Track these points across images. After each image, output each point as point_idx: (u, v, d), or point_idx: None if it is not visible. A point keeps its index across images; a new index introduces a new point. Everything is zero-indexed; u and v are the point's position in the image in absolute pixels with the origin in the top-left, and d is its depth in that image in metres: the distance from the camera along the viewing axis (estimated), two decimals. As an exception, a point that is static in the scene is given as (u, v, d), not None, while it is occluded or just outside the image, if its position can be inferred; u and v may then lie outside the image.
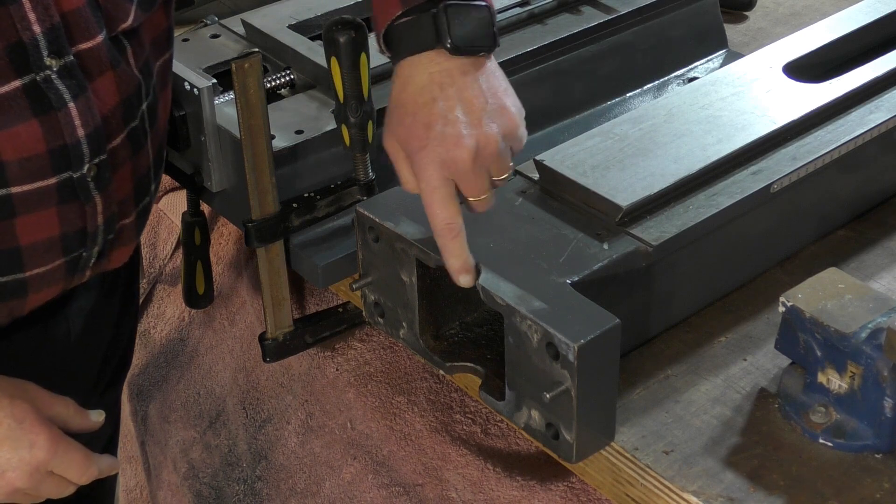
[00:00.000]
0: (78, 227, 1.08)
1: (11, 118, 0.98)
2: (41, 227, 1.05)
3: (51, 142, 1.01)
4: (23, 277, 1.07)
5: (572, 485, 1.23)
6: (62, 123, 1.01)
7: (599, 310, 1.01)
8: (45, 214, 1.04)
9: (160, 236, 1.77)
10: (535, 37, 1.45)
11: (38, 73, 0.99)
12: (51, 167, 1.02)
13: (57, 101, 1.00)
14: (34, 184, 1.01)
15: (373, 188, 1.27)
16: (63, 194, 1.04)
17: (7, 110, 0.97)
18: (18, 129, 0.98)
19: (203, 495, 1.68)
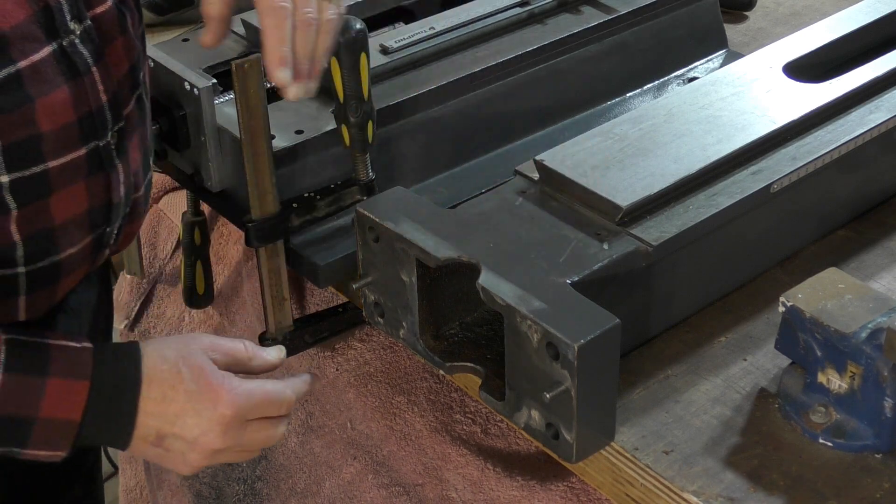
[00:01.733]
0: (103, 201, 1.08)
1: (47, 85, 0.99)
2: (73, 204, 1.05)
3: (79, 108, 1.02)
4: (57, 260, 1.07)
5: (572, 485, 1.23)
6: (88, 89, 1.02)
7: (599, 310, 1.01)
8: (76, 189, 1.05)
9: (160, 236, 1.77)
10: (535, 37, 1.45)
11: (64, 38, 1.00)
12: (80, 136, 1.03)
13: (82, 65, 1.02)
14: (67, 155, 1.02)
15: (373, 188, 1.27)
16: (91, 165, 1.05)
17: (43, 77, 0.98)
18: (54, 97, 0.99)
19: (203, 495, 1.68)
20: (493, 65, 1.40)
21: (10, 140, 0.97)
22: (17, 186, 0.99)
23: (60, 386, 0.96)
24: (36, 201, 1.02)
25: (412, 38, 1.39)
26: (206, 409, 1.02)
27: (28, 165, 0.99)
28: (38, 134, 0.99)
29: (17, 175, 0.99)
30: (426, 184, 1.37)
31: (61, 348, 0.98)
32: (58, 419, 0.97)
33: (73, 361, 0.98)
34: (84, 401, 0.97)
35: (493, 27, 1.44)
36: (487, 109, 1.41)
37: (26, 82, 0.97)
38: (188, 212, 1.51)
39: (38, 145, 0.99)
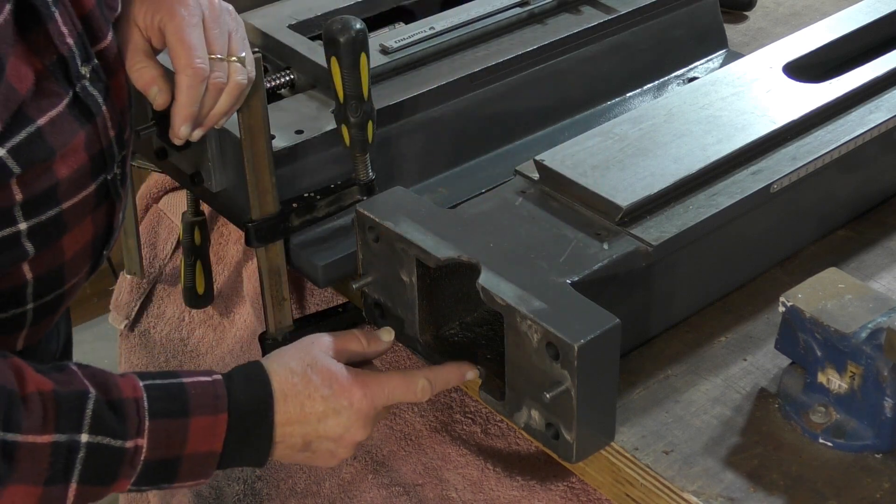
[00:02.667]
0: (105, 228, 1.10)
1: (65, 136, 0.99)
2: (81, 238, 1.07)
3: (91, 149, 1.03)
4: (61, 292, 1.09)
5: (572, 485, 1.23)
6: (100, 129, 1.03)
7: (599, 310, 1.01)
8: (85, 223, 1.06)
9: (160, 236, 1.77)
10: (535, 37, 1.45)
11: (77, 84, 1.00)
12: (90, 174, 1.04)
13: (94, 107, 1.02)
14: (79, 195, 1.03)
15: (373, 188, 1.27)
16: (99, 197, 1.06)
17: (60, 129, 0.99)
18: (72, 144, 1.00)
19: (203, 495, 1.68)
20: (493, 65, 1.40)
21: (31, 193, 0.98)
22: (35, 231, 1.00)
23: (202, 423, 0.99)
24: (51, 243, 1.03)
25: (412, 38, 1.39)
26: (344, 408, 1.05)
27: (45, 210, 1.01)
28: (56, 182, 1.00)
29: (35, 221, 1.00)
30: (426, 184, 1.37)
31: (196, 385, 1.00)
32: (201, 452, 1.00)
33: (209, 395, 1.00)
34: (224, 432, 1.00)
35: (493, 27, 1.44)
36: (487, 109, 1.41)
37: (47, 137, 0.97)
38: (188, 212, 1.51)
39: (55, 192, 1.00)
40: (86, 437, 0.93)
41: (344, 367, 1.07)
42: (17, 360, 0.94)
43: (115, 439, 0.95)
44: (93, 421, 0.94)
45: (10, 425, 0.90)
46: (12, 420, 0.90)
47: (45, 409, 0.92)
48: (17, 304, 1.05)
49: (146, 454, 0.97)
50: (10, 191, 0.96)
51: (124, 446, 0.95)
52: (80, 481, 0.94)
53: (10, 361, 0.93)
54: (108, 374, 0.98)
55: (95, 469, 0.95)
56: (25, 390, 0.92)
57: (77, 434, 0.93)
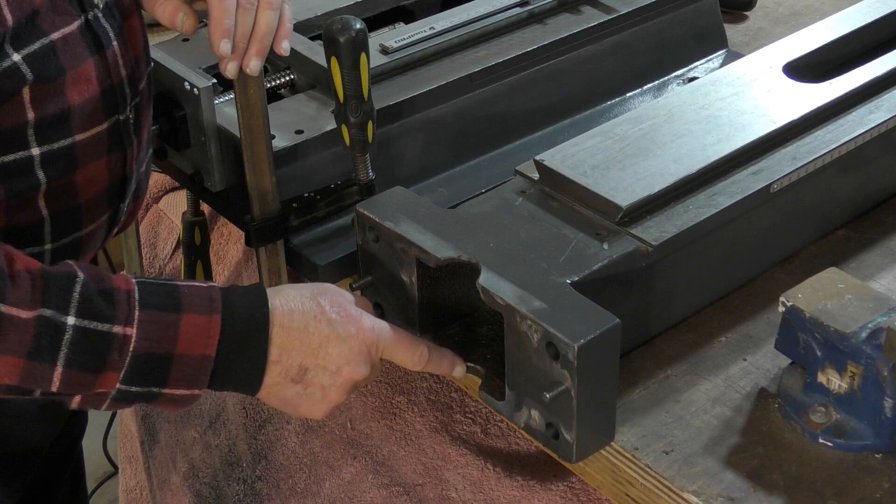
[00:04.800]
0: (119, 177, 1.12)
1: (76, 58, 1.02)
2: (95, 180, 1.08)
3: (103, 81, 1.06)
4: (80, 236, 1.10)
5: (572, 485, 1.23)
6: (110, 62, 1.06)
7: (599, 310, 1.01)
8: (98, 165, 1.08)
9: (160, 236, 1.77)
10: (535, 37, 1.45)
11: (89, 12, 1.04)
12: (103, 110, 1.06)
13: (105, 39, 1.06)
14: (92, 129, 1.05)
15: (373, 188, 1.27)
16: (112, 140, 1.08)
17: (72, 49, 1.02)
18: (82, 69, 1.03)
19: (203, 495, 1.68)
20: (493, 65, 1.40)
21: (43, 113, 1.00)
22: (47, 160, 1.03)
23: (194, 321, 0.97)
24: (63, 176, 1.05)
25: (412, 38, 1.39)
26: (349, 336, 1.03)
27: (57, 139, 1.03)
28: (68, 108, 1.02)
29: (48, 148, 1.02)
30: (426, 184, 1.37)
31: (190, 287, 0.99)
32: (194, 355, 0.97)
33: (203, 297, 0.98)
34: (217, 335, 0.98)
35: (493, 27, 1.44)
36: (487, 109, 1.41)
37: (60, 54, 1.00)
38: (188, 212, 1.51)
39: (68, 119, 1.03)
40: (72, 320, 0.93)
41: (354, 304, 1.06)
42: (9, 246, 0.95)
43: (102, 323, 0.94)
44: (80, 303, 0.93)
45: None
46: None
47: (33, 286, 0.92)
48: (35, 243, 1.06)
49: (135, 345, 0.95)
50: (23, 107, 0.99)
51: (112, 331, 0.94)
52: (66, 365, 0.93)
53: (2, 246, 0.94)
54: (100, 268, 0.98)
55: (82, 353, 0.93)
56: (14, 268, 0.93)
57: (64, 315, 0.93)
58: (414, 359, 1.08)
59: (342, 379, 1.04)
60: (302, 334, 1.01)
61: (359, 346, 1.04)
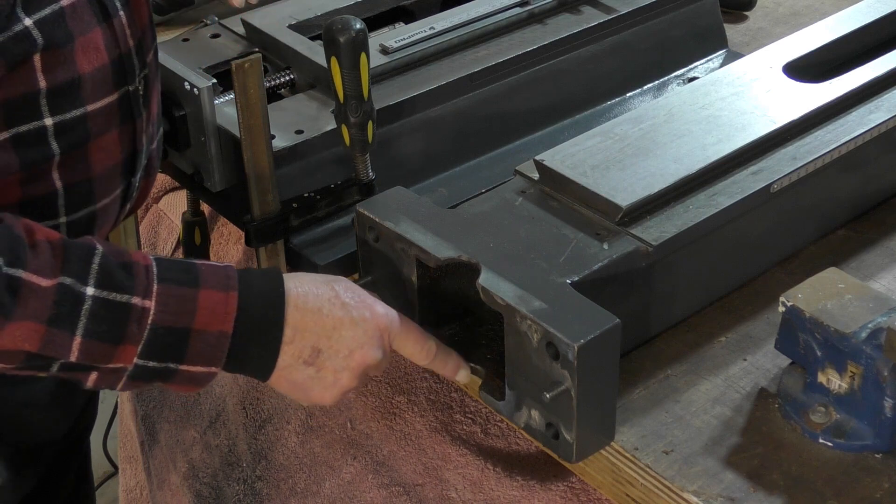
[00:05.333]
0: (130, 150, 1.12)
1: (84, 25, 1.03)
2: (108, 152, 1.09)
3: (111, 51, 1.07)
4: (94, 210, 1.11)
5: (572, 485, 1.23)
6: (117, 32, 1.07)
7: (599, 310, 1.01)
8: (110, 137, 1.09)
9: (160, 236, 1.77)
10: (535, 37, 1.45)
11: None
12: (113, 79, 1.07)
13: (111, 8, 1.07)
14: (103, 99, 1.06)
15: (373, 188, 1.27)
16: (122, 110, 1.09)
17: (80, 17, 1.02)
18: (90, 37, 1.04)
19: (203, 495, 1.68)
20: (493, 65, 1.40)
21: (55, 81, 1.01)
22: (60, 130, 1.03)
23: (212, 297, 0.97)
24: (76, 147, 1.06)
25: (412, 38, 1.39)
26: (363, 319, 1.03)
27: (70, 108, 1.03)
28: (78, 76, 1.03)
29: (60, 118, 1.03)
30: (426, 184, 1.37)
31: (207, 265, 1.00)
32: (211, 331, 0.97)
33: (220, 274, 0.99)
34: (234, 311, 0.98)
35: (493, 27, 1.44)
36: (487, 109, 1.41)
37: (68, 20, 1.01)
38: (188, 212, 1.51)
39: (79, 88, 1.03)
40: (91, 290, 0.93)
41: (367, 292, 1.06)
42: (27, 220, 0.96)
43: (121, 294, 0.94)
44: (99, 274, 0.94)
45: (17, 262, 0.91)
46: (18, 258, 0.92)
47: (54, 255, 0.93)
48: (50, 216, 1.07)
49: (154, 317, 0.95)
50: (35, 76, 1.00)
51: (131, 302, 0.95)
52: (85, 335, 0.94)
53: (21, 219, 0.95)
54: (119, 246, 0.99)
55: (101, 323, 0.94)
56: (34, 237, 0.94)
57: (83, 285, 0.93)
58: (423, 352, 1.08)
59: (354, 363, 1.03)
60: (316, 315, 1.02)
61: (372, 330, 1.04)
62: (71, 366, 0.95)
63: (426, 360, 1.09)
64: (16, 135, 1.02)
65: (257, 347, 1.00)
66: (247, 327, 0.99)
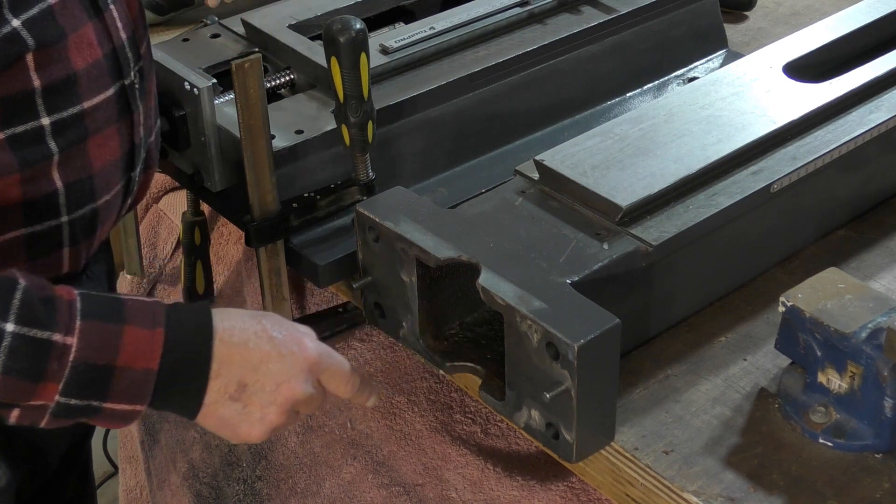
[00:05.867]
0: (129, 144, 1.12)
1: (75, 20, 1.02)
2: (107, 148, 1.09)
3: (104, 45, 1.06)
4: (95, 207, 1.10)
5: (572, 485, 1.24)
6: (109, 25, 1.07)
7: (599, 310, 1.01)
8: (109, 133, 1.08)
9: (160, 236, 1.77)
10: (535, 37, 1.45)
11: None
12: (108, 74, 1.07)
13: (102, 2, 1.06)
14: (99, 95, 1.06)
15: (373, 188, 1.27)
16: (120, 105, 1.09)
17: (70, 13, 1.02)
18: (83, 33, 1.03)
19: (203, 495, 1.68)
20: (493, 65, 1.40)
21: (49, 80, 1.01)
22: (58, 129, 1.03)
23: (137, 334, 0.96)
24: (75, 145, 1.05)
25: (412, 38, 1.39)
26: (290, 353, 1.01)
27: (66, 107, 1.03)
28: (73, 72, 1.02)
29: (57, 117, 1.03)
30: (426, 184, 1.37)
31: (134, 300, 0.98)
32: (136, 368, 0.96)
33: (147, 311, 0.98)
34: (160, 348, 0.96)
35: (493, 27, 1.44)
36: (487, 109, 1.41)
37: (58, 17, 1.00)
38: (188, 212, 1.51)
39: (74, 85, 1.03)
40: (11, 327, 0.91)
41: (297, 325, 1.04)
42: None
43: (42, 330, 0.92)
44: (20, 310, 0.92)
45: None
46: None
47: None
48: (52, 216, 1.06)
49: (75, 354, 0.93)
50: (29, 75, 0.99)
51: (52, 339, 0.93)
52: (3, 372, 0.92)
53: None
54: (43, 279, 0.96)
55: (21, 360, 0.92)
56: None
57: (3, 321, 0.91)
58: (347, 387, 1.07)
59: (281, 397, 1.01)
60: (243, 349, 1.00)
61: (300, 364, 1.02)
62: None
63: (348, 395, 1.08)
64: (12, 135, 1.01)
65: (184, 383, 0.98)
66: (173, 364, 0.97)
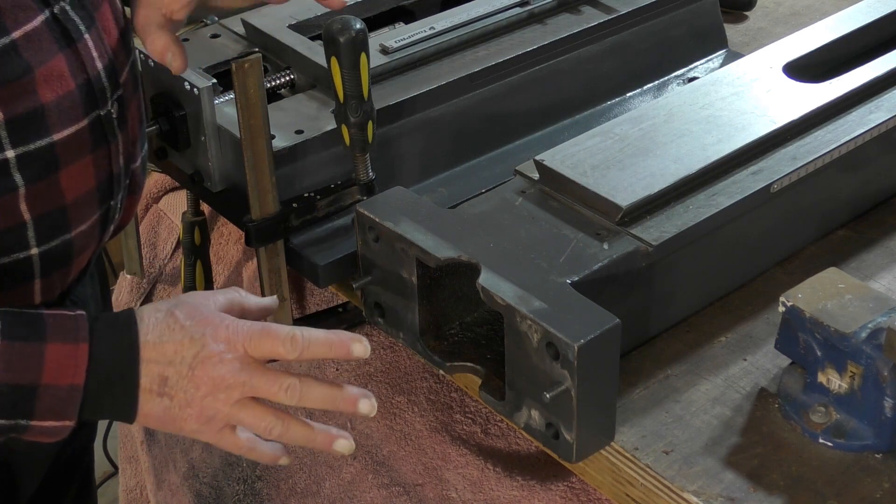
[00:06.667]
0: (107, 174, 1.08)
1: (43, 53, 0.99)
2: (81, 179, 1.05)
3: (77, 76, 1.02)
4: (69, 238, 1.07)
5: (572, 485, 1.24)
6: (83, 56, 1.03)
7: (599, 310, 1.01)
8: (83, 164, 1.05)
9: (160, 236, 1.77)
10: (535, 37, 1.45)
11: (55, 5, 1.01)
12: (81, 105, 1.03)
13: (75, 32, 1.02)
14: (71, 127, 1.02)
15: (373, 188, 1.27)
16: (94, 136, 1.05)
17: (38, 46, 0.99)
18: (51, 65, 0.99)
19: (203, 495, 1.68)
20: (493, 65, 1.40)
21: (13, 113, 0.97)
22: (25, 162, 0.99)
23: (60, 350, 0.95)
24: (45, 177, 1.01)
25: (412, 38, 1.39)
26: (201, 336, 0.98)
27: (33, 139, 0.99)
28: (40, 105, 0.99)
29: (23, 150, 0.99)
30: (426, 184, 1.37)
31: (56, 316, 0.97)
32: (61, 385, 0.95)
33: (69, 327, 0.96)
34: (85, 363, 0.95)
35: (493, 27, 1.44)
36: (487, 109, 1.41)
37: (22, 52, 0.97)
38: (188, 212, 1.51)
39: (42, 117, 0.99)
40: None
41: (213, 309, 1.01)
42: None
43: None
44: None
45: None
46: None
47: None
48: (20, 248, 1.03)
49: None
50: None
51: None
52: None
53: None
54: None
55: None
56: None
57: None
58: (286, 346, 0.99)
59: (198, 379, 0.98)
60: (157, 345, 0.98)
61: (213, 345, 0.98)
62: None
63: (296, 352, 1.00)
64: None
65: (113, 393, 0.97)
66: (100, 376, 0.96)
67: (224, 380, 0.98)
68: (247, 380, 0.99)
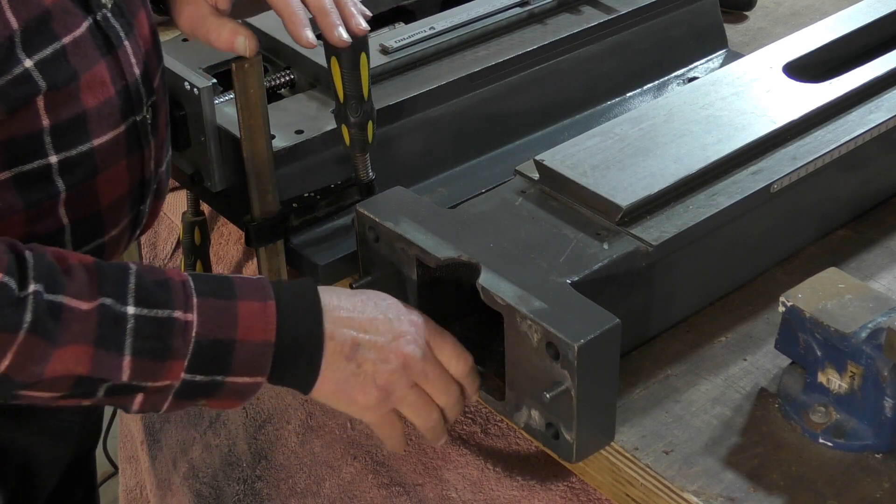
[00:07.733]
0: (139, 178, 1.11)
1: (87, 60, 1.01)
2: (116, 184, 1.07)
3: (117, 82, 1.04)
4: (102, 242, 1.09)
5: (572, 485, 1.23)
6: (123, 62, 1.05)
7: (599, 310, 1.01)
8: (119, 169, 1.07)
9: (160, 236, 1.77)
10: (535, 37, 1.45)
11: (97, 12, 1.02)
12: (120, 112, 1.05)
13: (116, 39, 1.04)
14: (110, 133, 1.04)
15: (373, 188, 1.27)
16: (130, 141, 1.07)
17: (83, 53, 1.00)
18: (95, 72, 1.01)
19: (203, 495, 1.68)
20: (493, 65, 1.40)
21: (58, 118, 0.99)
22: (66, 167, 1.01)
23: (250, 307, 0.97)
24: (83, 182, 1.04)
25: (412, 38, 1.39)
26: (397, 316, 1.04)
27: (75, 145, 1.01)
28: (83, 112, 1.01)
29: (65, 155, 1.01)
30: (426, 184, 1.37)
31: (241, 278, 1.00)
32: (255, 341, 0.97)
33: (255, 286, 0.99)
34: (275, 320, 0.98)
35: (493, 27, 1.44)
36: (487, 109, 1.41)
37: (70, 58, 0.99)
38: (188, 212, 1.51)
39: (84, 123, 1.01)
40: (132, 309, 0.93)
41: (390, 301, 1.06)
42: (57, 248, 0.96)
43: (162, 310, 0.94)
44: (137, 293, 0.94)
45: (55, 288, 0.91)
46: (56, 283, 0.91)
47: (89, 278, 0.93)
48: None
49: (197, 329, 0.95)
50: (38, 115, 0.98)
51: (172, 316, 0.94)
52: (133, 353, 0.93)
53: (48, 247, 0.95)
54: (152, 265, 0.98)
55: (147, 340, 0.94)
56: (67, 262, 0.93)
57: (123, 305, 0.93)
58: (459, 362, 1.07)
59: (392, 354, 1.02)
60: (350, 313, 1.02)
61: (406, 325, 1.04)
62: (118, 388, 0.95)
63: (462, 371, 1.07)
64: (19, 174, 1.00)
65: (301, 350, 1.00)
66: (289, 332, 0.99)
67: (412, 359, 1.04)
68: (428, 369, 1.05)
